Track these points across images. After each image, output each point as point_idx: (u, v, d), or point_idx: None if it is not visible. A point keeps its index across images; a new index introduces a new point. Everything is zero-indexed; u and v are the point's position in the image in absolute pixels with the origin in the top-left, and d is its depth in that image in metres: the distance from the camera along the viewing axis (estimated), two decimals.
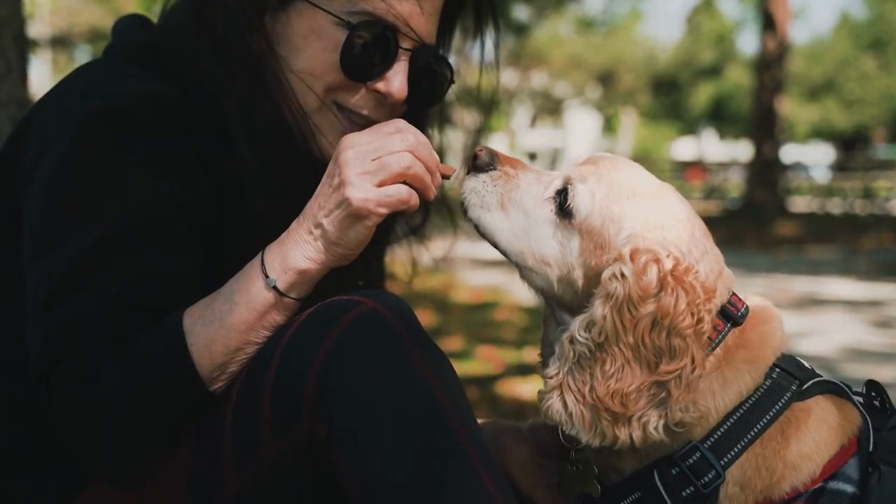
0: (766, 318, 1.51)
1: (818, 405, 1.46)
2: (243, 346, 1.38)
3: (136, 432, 1.36)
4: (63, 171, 1.42)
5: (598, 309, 1.35)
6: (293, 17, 1.58)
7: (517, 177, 1.51)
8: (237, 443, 1.36)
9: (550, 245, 1.46)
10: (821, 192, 25.68)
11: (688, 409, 1.33)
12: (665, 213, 1.45)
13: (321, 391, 1.29)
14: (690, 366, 1.33)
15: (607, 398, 1.33)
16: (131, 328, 1.37)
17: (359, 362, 1.30)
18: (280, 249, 1.40)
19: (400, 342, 1.32)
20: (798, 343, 5.70)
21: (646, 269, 1.34)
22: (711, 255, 1.47)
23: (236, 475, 1.36)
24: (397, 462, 1.26)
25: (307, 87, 1.59)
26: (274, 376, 1.33)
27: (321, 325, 1.33)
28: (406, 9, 1.57)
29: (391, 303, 1.36)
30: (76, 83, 1.55)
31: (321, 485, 1.35)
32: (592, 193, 1.43)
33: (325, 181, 1.40)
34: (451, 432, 1.29)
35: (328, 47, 1.56)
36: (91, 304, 1.36)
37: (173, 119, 1.47)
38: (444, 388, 1.32)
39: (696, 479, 1.39)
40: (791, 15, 20.26)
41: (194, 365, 1.35)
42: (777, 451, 1.40)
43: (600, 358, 1.34)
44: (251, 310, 1.37)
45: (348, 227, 1.36)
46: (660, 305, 1.32)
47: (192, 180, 1.48)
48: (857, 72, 48.15)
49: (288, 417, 1.31)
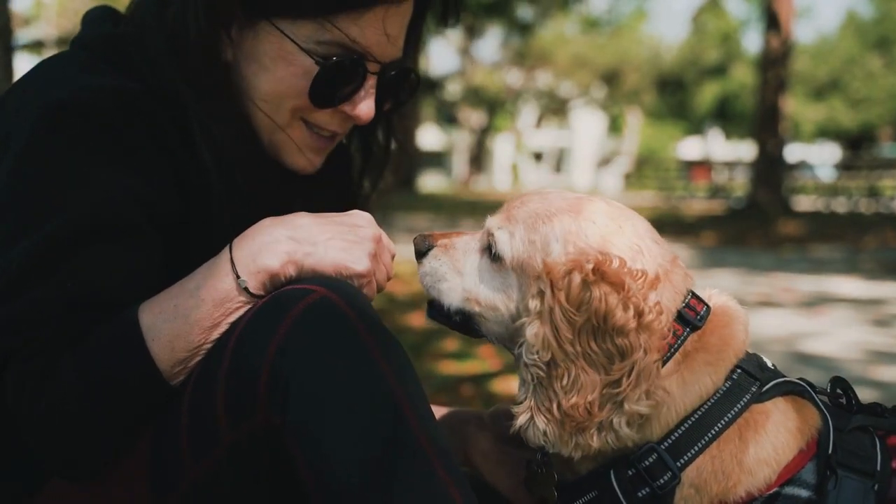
0: (729, 320, 1.50)
1: (777, 408, 1.44)
2: (205, 342, 1.37)
3: (94, 429, 1.35)
4: (23, 164, 1.40)
5: (528, 329, 1.38)
6: (261, 36, 1.56)
7: (454, 244, 1.57)
8: (194, 432, 1.35)
9: (493, 290, 1.51)
10: (826, 192, 25.61)
11: (641, 399, 1.33)
12: (583, 222, 1.45)
13: (274, 381, 1.28)
14: (643, 357, 1.33)
15: (572, 411, 1.34)
16: (87, 324, 1.35)
17: (310, 351, 1.29)
18: (250, 247, 1.39)
19: (352, 330, 1.31)
20: (802, 342, 5.68)
21: (567, 279, 1.36)
22: (652, 251, 1.46)
23: (194, 464, 1.35)
24: (349, 452, 1.26)
25: (275, 106, 1.60)
26: (228, 366, 1.32)
27: (273, 315, 1.32)
28: (373, 38, 1.57)
29: (344, 291, 1.35)
30: (40, 77, 1.53)
31: (279, 472, 1.35)
32: (511, 234, 1.48)
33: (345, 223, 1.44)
34: (405, 421, 1.29)
35: (296, 73, 1.57)
36: (46, 300, 1.35)
37: (137, 115, 1.46)
38: (397, 376, 1.31)
39: (652, 480, 1.39)
40: (796, 14, 20.21)
41: (153, 361, 1.34)
42: (734, 454, 1.39)
43: (556, 375, 1.35)
44: (218, 306, 1.37)
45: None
46: (593, 309, 1.33)
47: (155, 176, 1.47)
48: (863, 71, 48.08)
49: (243, 407, 1.31)
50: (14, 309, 1.34)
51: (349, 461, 1.26)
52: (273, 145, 1.64)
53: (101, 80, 1.46)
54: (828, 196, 24.43)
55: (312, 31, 1.54)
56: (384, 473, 1.25)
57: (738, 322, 1.50)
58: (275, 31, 1.55)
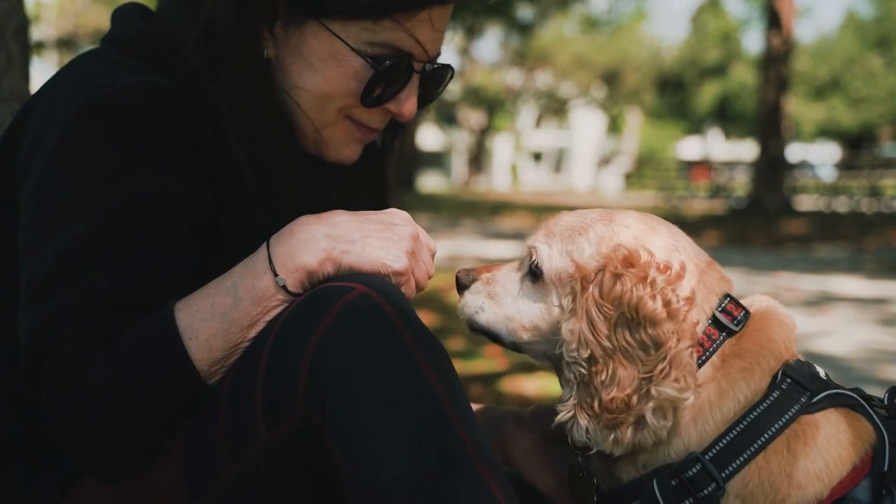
0: (764, 324, 1.47)
1: (827, 420, 1.39)
2: (243, 341, 1.36)
3: (128, 429, 1.33)
4: (55, 163, 1.40)
5: (564, 326, 1.39)
6: (308, 35, 1.54)
7: (495, 276, 1.60)
8: (231, 431, 1.34)
9: (535, 310, 1.52)
10: (827, 191, 25.58)
11: (671, 384, 1.32)
12: (616, 227, 1.47)
13: (313, 380, 1.26)
14: (675, 344, 1.33)
15: (611, 405, 1.34)
16: (121, 324, 1.34)
17: (350, 350, 1.27)
18: (288, 244, 1.38)
19: (392, 328, 1.29)
20: (807, 342, 5.65)
21: (599, 275, 1.38)
22: (687, 250, 1.47)
23: (231, 464, 1.34)
24: (393, 453, 1.24)
25: (322, 104, 1.58)
26: (266, 365, 1.31)
27: (312, 313, 1.30)
28: (423, 37, 1.56)
29: (384, 289, 1.33)
30: (73, 74, 1.53)
31: (317, 472, 1.33)
32: (549, 247, 1.50)
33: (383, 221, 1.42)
34: (448, 422, 1.27)
35: (346, 74, 1.55)
36: (80, 299, 1.34)
37: (169, 112, 1.45)
38: (438, 376, 1.30)
39: (696, 491, 1.35)
40: (797, 13, 20.22)
41: (192, 360, 1.33)
42: (782, 467, 1.35)
43: (596, 371, 1.36)
44: (256, 304, 1.35)
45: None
46: (625, 302, 1.34)
47: (188, 173, 1.46)
48: (864, 70, 48.11)
49: (281, 406, 1.29)
50: (48, 308, 1.34)
51: (393, 463, 1.24)
52: (316, 140, 1.63)
53: (133, 78, 1.45)
54: (829, 196, 24.42)
55: (363, 31, 1.52)
56: (430, 476, 1.24)
57: (777, 325, 1.47)
58: (324, 31, 1.52)
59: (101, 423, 1.31)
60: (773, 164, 18.92)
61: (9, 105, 2.28)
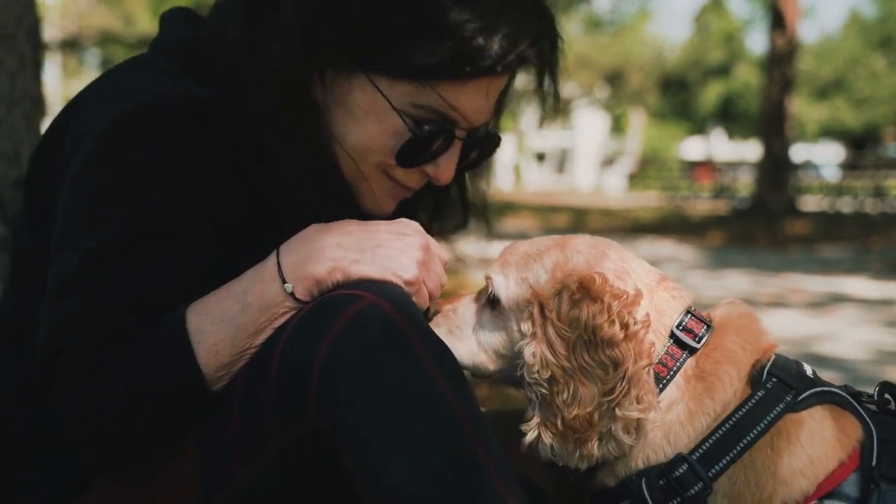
0: (726, 334, 1.48)
1: (812, 417, 1.41)
2: (250, 347, 1.36)
3: (136, 431, 1.34)
4: (90, 167, 1.42)
5: (526, 350, 1.42)
6: (355, 87, 1.52)
7: (455, 308, 1.63)
8: (244, 435, 1.35)
9: (495, 338, 1.56)
10: (831, 191, 25.52)
11: (633, 404, 1.37)
12: (569, 252, 1.52)
13: (323, 387, 1.27)
14: (633, 364, 1.37)
15: (574, 423, 1.38)
16: (138, 327, 1.35)
17: (360, 357, 1.28)
18: (297, 253, 1.39)
19: (402, 337, 1.30)
20: (815, 344, 5.64)
21: (556, 299, 1.42)
22: (636, 272, 1.50)
23: (243, 468, 1.35)
24: (405, 462, 1.25)
25: (360, 156, 1.56)
26: (277, 370, 1.32)
27: (322, 320, 1.31)
28: (470, 106, 1.54)
29: (393, 297, 1.34)
30: (118, 79, 1.55)
31: (328, 475, 1.34)
32: (506, 276, 1.54)
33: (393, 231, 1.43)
34: (459, 429, 1.28)
35: (386, 132, 1.53)
36: (98, 301, 1.35)
37: (208, 123, 1.46)
38: (449, 383, 1.30)
39: (683, 490, 1.38)
40: (800, 13, 20.17)
41: (199, 364, 1.34)
42: (767, 465, 1.38)
43: (557, 390, 1.39)
44: (264, 311, 1.36)
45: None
46: (582, 324, 1.39)
47: (222, 186, 1.47)
48: (867, 70, 48.01)
49: (292, 411, 1.30)
50: (66, 308, 1.35)
51: (405, 469, 1.24)
52: (352, 189, 1.61)
53: (175, 86, 1.47)
54: (833, 196, 24.38)
55: (409, 92, 1.50)
56: (442, 481, 1.24)
57: (736, 334, 1.48)
58: (370, 86, 1.51)
59: (107, 425, 1.33)
60: (777, 165, 18.87)
61: (20, 107, 2.29)
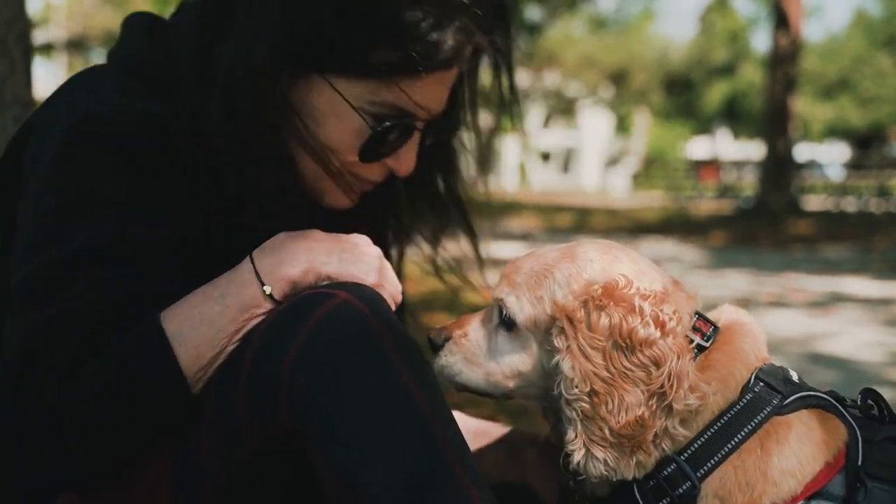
0: (734, 336, 1.50)
1: (799, 420, 1.43)
2: (228, 346, 1.39)
3: (115, 435, 1.35)
4: (50, 180, 1.44)
5: (564, 365, 1.39)
6: (313, 89, 1.54)
7: (467, 333, 1.59)
8: (216, 437, 1.37)
9: (515, 359, 1.53)
10: (835, 191, 25.52)
11: (688, 395, 1.36)
12: (581, 262, 1.49)
13: (294, 386, 1.29)
14: (676, 361, 1.35)
15: (626, 429, 1.36)
16: (107, 335, 1.37)
17: (330, 357, 1.30)
18: (271, 258, 1.43)
19: (373, 335, 1.32)
20: (816, 343, 5.64)
21: (583, 310, 1.39)
22: (651, 273, 1.50)
23: (217, 469, 1.37)
24: (369, 458, 1.27)
25: (323, 156, 1.58)
26: (248, 371, 1.34)
27: (293, 319, 1.33)
28: (426, 99, 1.56)
29: (365, 295, 1.37)
30: (74, 92, 1.55)
31: (303, 475, 1.35)
32: (518, 297, 1.51)
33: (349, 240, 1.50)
34: (428, 429, 1.30)
35: (347, 131, 1.55)
36: (67, 312, 1.37)
37: (161, 140, 1.48)
38: (417, 383, 1.32)
39: (672, 489, 1.39)
40: (805, 12, 20.16)
41: (179, 367, 1.36)
42: (757, 465, 1.39)
43: (600, 401, 1.37)
44: (243, 312, 1.40)
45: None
46: (616, 331, 1.36)
47: (174, 199, 1.49)
48: (872, 69, 47.97)
49: (264, 412, 1.32)
50: (36, 320, 1.37)
51: (371, 468, 1.26)
52: (313, 187, 1.64)
53: (129, 103, 1.48)
54: (837, 195, 24.35)
55: (367, 90, 1.53)
56: (408, 481, 1.26)
57: (745, 336, 1.50)
58: (328, 87, 1.53)
59: (88, 429, 1.34)
60: (781, 164, 18.84)
61: (11, 111, 2.30)
